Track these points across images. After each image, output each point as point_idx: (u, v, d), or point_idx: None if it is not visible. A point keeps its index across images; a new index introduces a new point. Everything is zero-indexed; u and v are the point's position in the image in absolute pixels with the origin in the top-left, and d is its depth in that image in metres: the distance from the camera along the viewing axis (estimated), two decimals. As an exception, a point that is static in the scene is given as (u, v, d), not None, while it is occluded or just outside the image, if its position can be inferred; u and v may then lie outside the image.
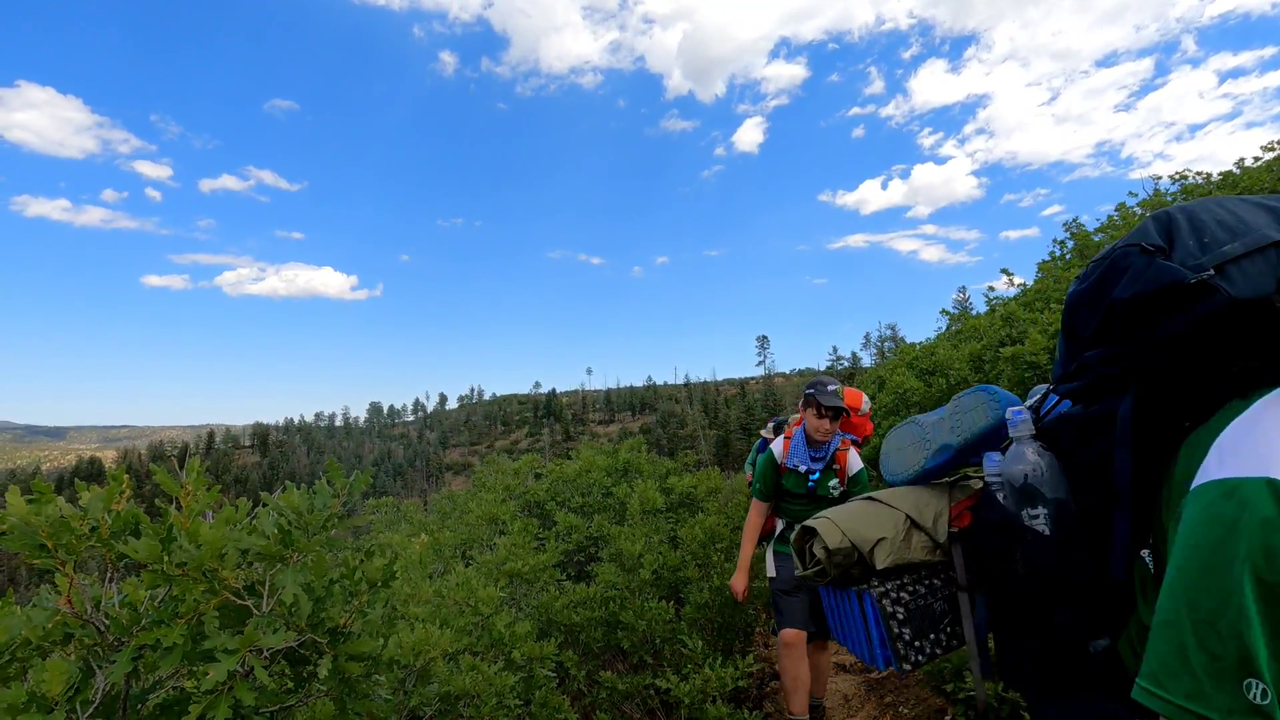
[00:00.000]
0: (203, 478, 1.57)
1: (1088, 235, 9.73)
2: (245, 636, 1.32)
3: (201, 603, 1.39)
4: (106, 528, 1.45)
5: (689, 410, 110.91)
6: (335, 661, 1.51)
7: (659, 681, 3.62)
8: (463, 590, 3.55)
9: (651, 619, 4.02)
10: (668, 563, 4.43)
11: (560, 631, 4.20)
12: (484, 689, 2.78)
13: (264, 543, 1.43)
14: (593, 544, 5.89)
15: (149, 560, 1.39)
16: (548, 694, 3.26)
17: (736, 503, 6.94)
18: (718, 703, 3.45)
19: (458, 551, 6.38)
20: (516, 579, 4.65)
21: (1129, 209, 10.08)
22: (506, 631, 3.35)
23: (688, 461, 9.31)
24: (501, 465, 9.80)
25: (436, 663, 2.62)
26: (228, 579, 1.42)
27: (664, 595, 4.38)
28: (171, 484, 1.52)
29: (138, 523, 1.49)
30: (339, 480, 1.62)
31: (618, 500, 6.49)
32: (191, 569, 1.41)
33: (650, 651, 4.12)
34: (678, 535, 4.96)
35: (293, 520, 1.51)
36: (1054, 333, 5.31)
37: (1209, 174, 9.85)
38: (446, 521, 8.16)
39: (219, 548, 1.42)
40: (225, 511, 1.56)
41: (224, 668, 1.28)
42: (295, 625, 1.44)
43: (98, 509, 1.43)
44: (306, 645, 1.53)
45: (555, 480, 7.78)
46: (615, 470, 7.36)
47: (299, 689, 1.60)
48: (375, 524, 9.01)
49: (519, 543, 5.09)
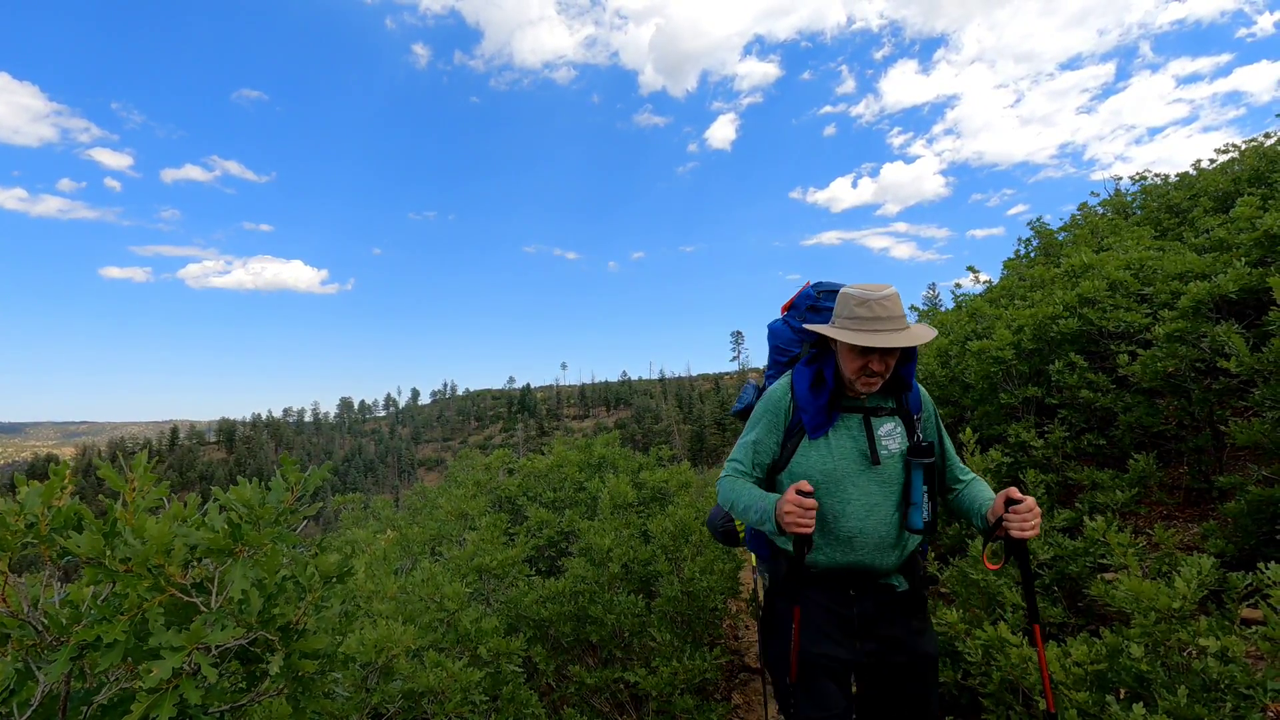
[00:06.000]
0: (150, 473, 1.52)
1: (1052, 234, 9.95)
2: (191, 633, 1.28)
3: (146, 599, 1.35)
4: (46, 523, 1.40)
5: (664, 405, 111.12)
6: (288, 659, 1.47)
7: (628, 675, 3.62)
8: (429, 586, 3.51)
9: (621, 613, 4.02)
10: (638, 556, 4.44)
11: (529, 626, 4.18)
12: (449, 685, 2.75)
13: (212, 536, 1.39)
14: (564, 539, 5.87)
15: (91, 556, 1.34)
16: (515, 689, 3.24)
17: (708, 496, 6.97)
18: (685, 695, 3.46)
19: (427, 547, 6.32)
20: (485, 574, 4.61)
21: (1091, 209, 10.32)
22: (473, 627, 3.32)
23: (663, 456, 9.33)
24: (474, 460, 9.71)
25: (400, 660, 2.58)
26: (174, 575, 1.38)
27: (634, 589, 4.38)
28: (116, 479, 1.47)
29: (80, 518, 1.44)
30: (293, 474, 1.58)
31: (590, 495, 6.47)
32: (136, 565, 1.36)
33: (619, 645, 4.13)
34: (648, 529, 4.97)
35: (243, 514, 1.47)
36: (1018, 328, 5.43)
37: (1167, 176, 10.13)
38: (417, 517, 8.07)
39: (165, 543, 1.38)
40: (174, 507, 1.52)
41: (168, 665, 1.25)
42: (245, 622, 1.40)
43: (35, 504, 1.37)
44: (258, 643, 1.49)
45: (527, 475, 7.74)
46: (588, 465, 7.34)
47: (251, 688, 1.56)
48: (344, 520, 8.87)
49: (488, 538, 5.06)
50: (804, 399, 2.08)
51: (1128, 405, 4.57)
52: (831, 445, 2.05)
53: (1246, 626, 2.44)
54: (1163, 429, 4.55)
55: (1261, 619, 2.21)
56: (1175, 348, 4.20)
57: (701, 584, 4.14)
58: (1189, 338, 4.19)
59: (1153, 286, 4.97)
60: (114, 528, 1.40)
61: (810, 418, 2.06)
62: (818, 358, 2.15)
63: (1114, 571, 2.93)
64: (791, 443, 2.11)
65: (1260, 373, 3.51)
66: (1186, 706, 2.08)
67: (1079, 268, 5.97)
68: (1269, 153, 7.35)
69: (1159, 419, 4.47)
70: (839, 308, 2.02)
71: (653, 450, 8.97)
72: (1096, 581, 2.78)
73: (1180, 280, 4.78)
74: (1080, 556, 3.21)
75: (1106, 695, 2.28)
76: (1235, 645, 2.18)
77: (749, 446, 2.18)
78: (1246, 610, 2.64)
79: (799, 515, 1.81)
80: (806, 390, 2.08)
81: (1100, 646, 2.45)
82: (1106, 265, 5.40)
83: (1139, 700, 2.26)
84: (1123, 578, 2.49)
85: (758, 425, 2.18)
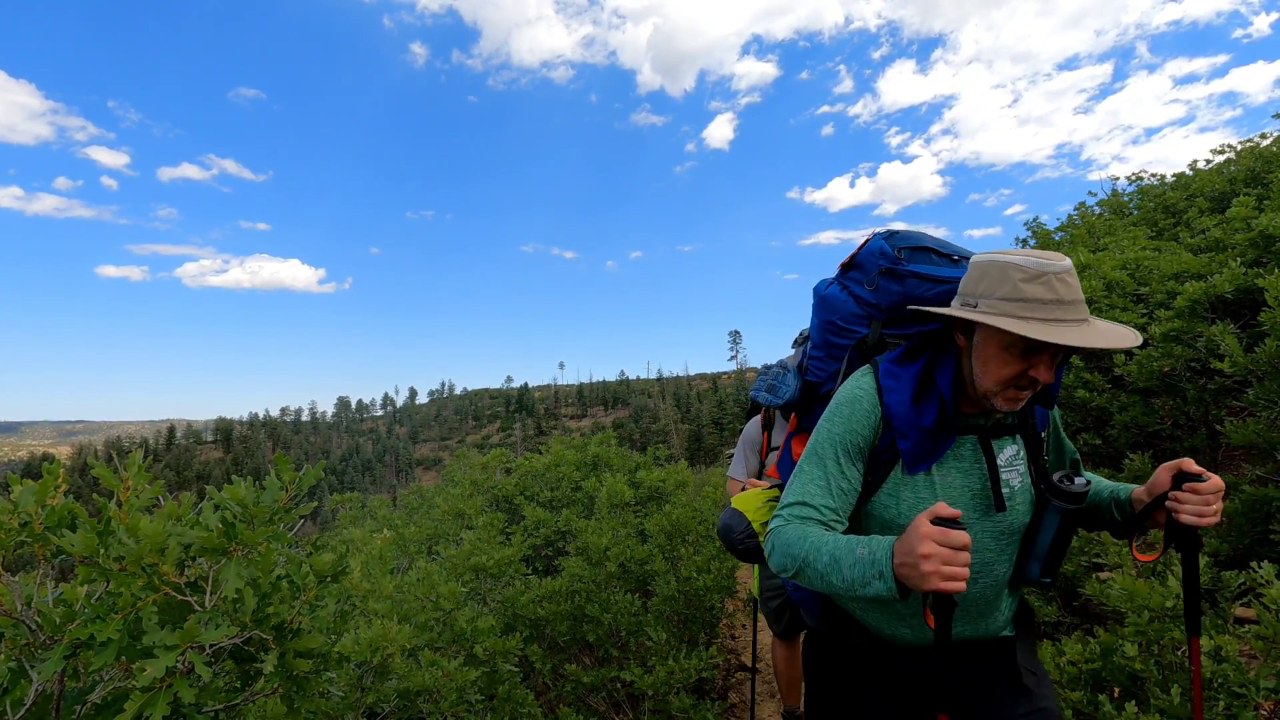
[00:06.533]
0: (144, 472, 1.52)
1: (1048, 234, 9.97)
2: (185, 632, 1.28)
3: (140, 598, 1.35)
4: (40, 522, 1.40)
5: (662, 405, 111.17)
6: (282, 658, 1.47)
7: (624, 674, 3.63)
8: (425, 585, 3.51)
9: (617, 612, 4.02)
10: (635, 556, 4.44)
11: (526, 625, 4.18)
12: (444, 684, 2.75)
13: (206, 535, 1.39)
14: (560, 538, 5.87)
15: (85, 554, 1.34)
16: (511, 688, 3.24)
17: (705, 495, 6.97)
18: (682, 694, 3.46)
19: (424, 547, 6.32)
20: (482, 573, 4.61)
21: (1088, 209, 10.35)
22: (469, 626, 3.32)
23: (660, 455, 9.33)
24: (471, 459, 9.71)
25: (395, 659, 2.59)
26: (168, 574, 1.38)
27: (631, 588, 4.39)
28: (110, 478, 1.47)
29: (74, 517, 1.44)
30: (288, 473, 1.58)
31: (586, 494, 6.48)
32: (130, 563, 1.36)
33: (616, 644, 4.13)
34: (645, 528, 4.97)
35: (237, 513, 1.47)
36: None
37: (1163, 176, 10.16)
38: (414, 516, 8.07)
39: (159, 542, 1.37)
40: (168, 506, 1.52)
41: (162, 664, 1.25)
42: (239, 621, 1.40)
43: (29, 502, 1.37)
44: (252, 642, 1.49)
45: (524, 475, 7.74)
46: (585, 464, 7.34)
47: (245, 687, 1.56)
48: (341, 519, 8.87)
49: (485, 537, 5.06)
50: (903, 417, 1.42)
51: (1123, 405, 4.59)
52: (935, 483, 1.43)
53: (1240, 625, 2.45)
54: (1158, 429, 4.56)
55: (1255, 618, 2.22)
56: (1171, 348, 4.22)
57: (698, 583, 4.15)
58: (1185, 338, 4.21)
59: (1149, 286, 4.99)
60: (108, 526, 1.39)
61: (912, 444, 1.42)
62: (921, 352, 1.48)
63: (1108, 571, 2.94)
64: (874, 476, 1.46)
65: (1254, 373, 3.53)
66: (1180, 705, 2.09)
67: (1075, 268, 5.97)
68: (1265, 153, 7.37)
69: (1155, 419, 4.48)
70: (992, 283, 1.33)
71: (650, 450, 8.97)
72: (1091, 581, 2.80)
73: (1176, 280, 4.80)
74: (1075, 556, 3.22)
75: (1100, 694, 2.29)
76: (1229, 644, 2.19)
77: (826, 482, 1.43)
78: (1240, 609, 2.65)
79: (949, 561, 1.11)
80: (908, 404, 1.42)
81: (1094, 645, 2.46)
82: (1103, 265, 5.42)
83: (1132, 699, 2.27)
84: (1117, 577, 2.50)
85: (834, 448, 1.45)
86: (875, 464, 1.47)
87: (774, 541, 1.41)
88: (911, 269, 1.57)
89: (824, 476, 1.44)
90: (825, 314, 1.73)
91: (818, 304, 1.77)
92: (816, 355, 1.80)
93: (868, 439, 1.45)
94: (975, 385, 1.40)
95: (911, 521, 1.18)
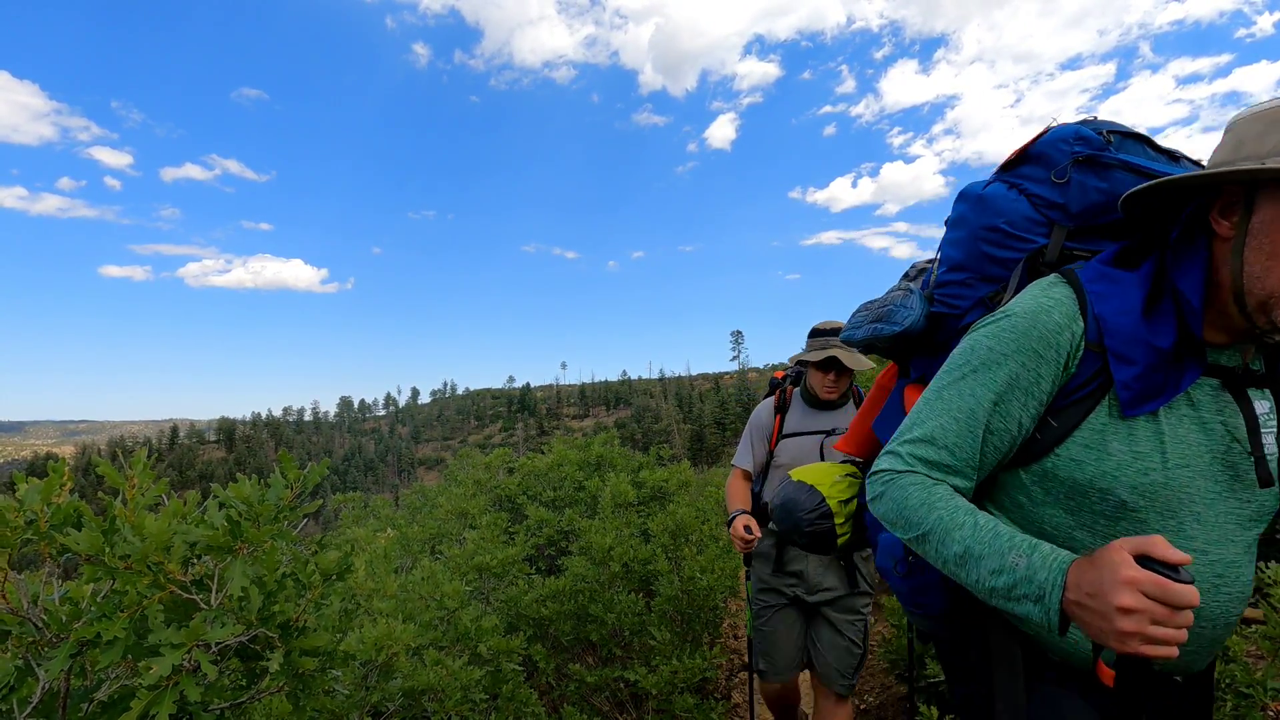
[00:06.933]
0: (149, 470, 1.52)
1: (1052, 233, 9.95)
2: (190, 630, 1.28)
3: (146, 596, 1.35)
4: (45, 520, 1.40)
5: (664, 405, 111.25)
6: (288, 657, 1.47)
7: (628, 674, 3.63)
8: (428, 585, 3.51)
9: (621, 612, 4.02)
10: (638, 555, 4.44)
11: (529, 625, 4.18)
12: (449, 684, 2.75)
13: (211, 533, 1.39)
14: (564, 538, 5.88)
15: (90, 553, 1.34)
16: (515, 688, 3.24)
17: (707, 495, 6.97)
18: (685, 693, 3.46)
19: (427, 546, 6.33)
20: (485, 573, 4.62)
21: (1092, 208, 10.33)
22: (473, 626, 3.32)
23: (662, 455, 9.33)
24: (473, 459, 9.72)
25: (399, 658, 2.59)
26: (174, 572, 1.38)
27: (634, 588, 4.39)
28: (115, 476, 1.47)
29: (79, 515, 1.44)
30: (292, 471, 1.58)
31: (589, 494, 6.48)
32: (135, 562, 1.36)
33: (619, 644, 4.13)
34: (648, 528, 4.97)
35: (242, 511, 1.47)
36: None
37: (1168, 175, 10.13)
38: (416, 516, 8.08)
39: (164, 540, 1.37)
40: (173, 504, 1.52)
41: (168, 662, 1.25)
42: (245, 619, 1.40)
43: (35, 501, 1.37)
44: (258, 640, 1.49)
45: (527, 474, 7.74)
46: (587, 464, 7.35)
47: (251, 685, 1.56)
48: (343, 519, 8.89)
49: (488, 537, 5.07)
50: (1128, 332, 0.99)
51: None
52: (1164, 434, 0.99)
53: (1246, 625, 2.44)
54: None
55: (1261, 618, 2.21)
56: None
57: (701, 583, 4.15)
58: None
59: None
60: (113, 525, 1.40)
61: (1139, 372, 0.97)
62: (1145, 255, 1.05)
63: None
64: (1067, 417, 1.03)
65: (1260, 372, 3.51)
66: (1186, 705, 2.08)
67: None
68: (1269, 152, 7.34)
69: None
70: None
71: (652, 450, 8.98)
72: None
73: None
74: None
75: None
76: (1235, 644, 2.18)
77: (972, 418, 1.04)
78: (1247, 610, 2.64)
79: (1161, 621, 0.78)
80: (1137, 314, 0.99)
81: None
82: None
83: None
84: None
85: (994, 373, 1.04)
86: (1068, 400, 1.03)
87: (886, 491, 1.08)
88: (1122, 158, 1.14)
89: (970, 409, 1.04)
90: (985, 217, 1.27)
91: (970, 207, 1.32)
92: (953, 278, 1.34)
93: (1053, 369, 1.03)
94: (1249, 293, 0.93)
95: (1106, 551, 0.82)
